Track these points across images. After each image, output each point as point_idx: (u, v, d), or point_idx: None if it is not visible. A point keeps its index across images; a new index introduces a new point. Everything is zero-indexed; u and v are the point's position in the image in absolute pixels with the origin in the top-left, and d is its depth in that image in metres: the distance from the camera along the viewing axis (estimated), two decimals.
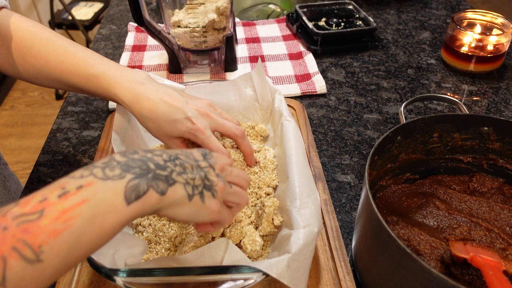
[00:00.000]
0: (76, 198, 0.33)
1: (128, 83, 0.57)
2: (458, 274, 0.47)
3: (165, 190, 0.38)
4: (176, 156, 0.41)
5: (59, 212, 0.32)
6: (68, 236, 0.32)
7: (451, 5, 1.20)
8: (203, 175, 0.42)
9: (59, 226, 0.31)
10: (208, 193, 0.41)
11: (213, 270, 0.43)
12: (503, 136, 0.56)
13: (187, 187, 0.40)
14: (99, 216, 0.33)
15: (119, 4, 1.23)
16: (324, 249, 0.55)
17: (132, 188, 0.35)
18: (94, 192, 0.34)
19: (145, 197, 0.36)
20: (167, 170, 0.39)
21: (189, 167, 0.41)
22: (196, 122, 0.56)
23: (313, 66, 0.92)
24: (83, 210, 0.33)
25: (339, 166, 0.71)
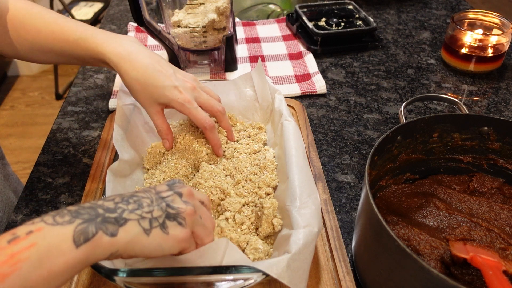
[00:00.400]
0: (25, 243, 0.33)
1: (116, 42, 0.57)
2: (458, 274, 0.47)
3: (115, 231, 0.37)
4: (132, 195, 0.41)
5: (7, 256, 0.32)
6: (15, 279, 0.32)
7: (451, 5, 1.20)
8: (165, 205, 0.41)
9: (6, 270, 0.32)
10: (172, 223, 0.40)
11: (213, 270, 0.43)
12: (503, 136, 0.56)
13: (142, 222, 0.39)
14: (47, 260, 0.34)
15: (119, 4, 1.23)
16: (324, 249, 0.55)
17: (80, 231, 0.35)
18: (43, 237, 0.34)
19: (95, 239, 0.36)
20: (117, 211, 0.38)
21: (146, 201, 0.40)
22: (183, 92, 0.56)
23: (313, 66, 0.92)
24: (31, 253, 0.33)
25: (339, 166, 0.71)
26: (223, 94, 0.72)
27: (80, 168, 0.71)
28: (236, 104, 0.72)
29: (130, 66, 0.56)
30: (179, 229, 0.41)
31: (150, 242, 0.39)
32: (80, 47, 0.58)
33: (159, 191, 0.42)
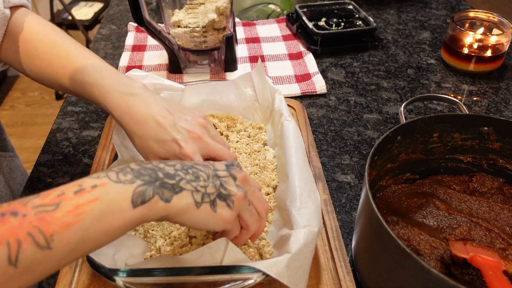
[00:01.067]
0: (89, 196, 0.36)
1: (119, 95, 0.55)
2: (458, 274, 0.47)
3: (169, 198, 0.39)
4: (192, 166, 0.43)
5: (73, 206, 0.35)
6: (77, 229, 0.34)
7: (451, 5, 1.20)
8: (219, 184, 0.43)
9: (71, 219, 0.34)
10: (222, 203, 0.42)
11: (213, 270, 0.43)
12: (503, 136, 0.56)
13: (195, 195, 0.41)
14: (107, 215, 0.36)
15: (119, 4, 1.23)
16: (324, 249, 0.55)
17: (139, 193, 0.38)
18: (106, 192, 0.37)
19: (150, 202, 0.38)
20: (175, 179, 0.40)
21: (203, 175, 0.42)
22: (183, 146, 0.53)
23: (313, 66, 0.92)
24: (94, 207, 0.35)
25: (339, 166, 0.71)
26: (223, 94, 0.72)
27: (80, 168, 0.71)
28: (236, 104, 0.72)
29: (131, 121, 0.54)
30: (226, 210, 0.42)
31: (199, 215, 0.41)
32: (85, 91, 0.57)
33: (217, 169, 0.44)
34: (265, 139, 0.68)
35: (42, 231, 0.33)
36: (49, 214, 0.34)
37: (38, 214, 0.34)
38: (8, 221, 0.33)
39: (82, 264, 0.54)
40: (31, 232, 0.33)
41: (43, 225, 0.33)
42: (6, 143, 0.83)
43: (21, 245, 0.32)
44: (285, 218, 0.52)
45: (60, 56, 0.58)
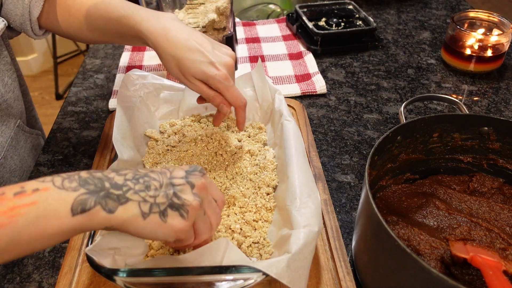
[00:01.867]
0: (28, 199, 0.36)
1: (155, 19, 0.58)
2: (458, 274, 0.47)
3: (113, 208, 0.38)
4: (145, 175, 0.42)
5: (8, 207, 0.35)
6: (9, 231, 0.35)
7: (451, 5, 1.20)
8: (171, 193, 0.41)
9: (4, 220, 0.35)
10: (174, 213, 0.41)
11: (213, 270, 0.43)
12: (503, 136, 0.56)
13: (143, 205, 0.39)
14: (42, 220, 0.36)
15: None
16: (324, 249, 0.55)
17: (79, 202, 0.37)
18: (46, 198, 0.36)
19: (91, 212, 0.37)
20: (122, 189, 0.39)
21: (155, 185, 0.41)
22: (221, 69, 0.56)
23: (313, 66, 0.92)
24: (30, 210, 0.35)
25: (339, 166, 0.71)
26: None
27: (80, 168, 0.71)
28: None
29: (167, 43, 0.56)
30: (179, 220, 0.41)
31: (146, 226, 0.40)
32: (121, 25, 0.60)
33: (173, 177, 0.42)
34: (265, 139, 0.68)
35: None
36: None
37: None
38: None
39: (82, 264, 0.54)
40: None
41: None
42: (36, 120, 0.84)
43: None
44: (285, 218, 0.52)
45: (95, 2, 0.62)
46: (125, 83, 0.66)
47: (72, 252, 0.55)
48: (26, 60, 2.60)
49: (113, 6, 0.61)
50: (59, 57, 2.48)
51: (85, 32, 0.65)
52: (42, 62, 2.68)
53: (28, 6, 0.63)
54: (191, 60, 0.55)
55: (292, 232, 0.47)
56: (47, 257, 0.57)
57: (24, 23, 0.64)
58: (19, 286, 0.54)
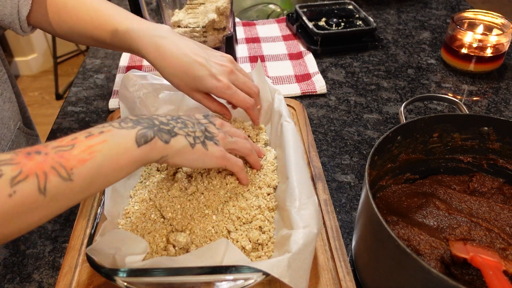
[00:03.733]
0: (98, 139, 0.42)
1: (150, 39, 0.59)
2: (458, 274, 0.47)
3: (168, 139, 0.46)
4: (179, 116, 0.50)
5: (86, 146, 0.40)
6: (92, 164, 0.40)
7: (451, 5, 1.20)
8: (204, 128, 0.51)
9: (86, 156, 0.40)
10: (210, 142, 0.50)
11: (213, 270, 0.43)
12: (503, 136, 0.56)
13: (188, 138, 0.48)
14: (115, 154, 0.42)
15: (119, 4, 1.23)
16: (324, 249, 0.55)
17: (141, 135, 0.44)
18: (112, 136, 0.42)
19: (152, 142, 0.44)
20: (169, 125, 0.47)
21: (190, 124, 0.50)
22: (222, 79, 0.59)
23: (313, 66, 0.92)
24: (103, 147, 0.41)
25: (339, 166, 0.71)
26: None
27: None
28: None
29: (165, 62, 0.59)
30: (216, 147, 0.50)
31: (194, 154, 0.48)
32: (117, 39, 0.62)
33: (198, 118, 0.52)
34: (266, 139, 0.68)
35: (63, 166, 0.38)
36: (67, 152, 0.39)
37: (58, 152, 0.39)
38: (34, 158, 0.38)
39: (83, 264, 0.54)
40: (55, 166, 0.38)
41: (64, 161, 0.39)
42: (31, 122, 0.84)
43: (47, 176, 0.37)
44: (284, 219, 0.52)
45: (88, 9, 0.63)
46: (125, 84, 0.66)
47: (72, 252, 0.55)
48: (26, 60, 2.60)
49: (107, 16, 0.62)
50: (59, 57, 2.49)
51: (76, 37, 0.66)
52: (42, 62, 2.68)
53: (17, 6, 0.63)
54: (192, 77, 0.58)
55: (292, 232, 0.47)
56: (47, 257, 0.57)
57: (13, 21, 0.64)
58: (19, 286, 0.54)
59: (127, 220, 0.54)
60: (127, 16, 0.62)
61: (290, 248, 0.44)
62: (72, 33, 0.65)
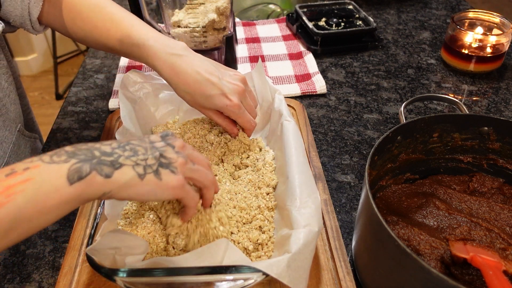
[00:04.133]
0: (21, 177, 0.36)
1: (166, 56, 0.60)
2: (458, 274, 0.47)
3: (110, 173, 0.39)
4: (128, 143, 0.43)
5: (3, 187, 0.35)
6: (10, 209, 0.35)
7: (451, 5, 1.20)
8: (158, 154, 0.43)
9: (2, 200, 0.35)
10: (165, 170, 0.42)
11: (213, 270, 0.43)
12: (503, 136, 0.56)
13: (137, 168, 0.41)
14: (42, 194, 0.36)
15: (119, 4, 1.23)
16: (324, 249, 0.55)
17: (74, 170, 0.38)
18: (39, 173, 0.37)
19: (88, 178, 0.38)
20: (113, 156, 0.41)
21: (141, 150, 0.43)
22: (232, 99, 0.60)
23: (313, 66, 0.92)
24: (26, 187, 0.36)
25: (339, 166, 0.71)
26: None
27: None
28: None
29: (179, 81, 0.60)
30: (172, 176, 0.42)
31: (144, 186, 0.41)
32: (133, 52, 0.62)
33: (153, 141, 0.45)
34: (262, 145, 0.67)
35: None
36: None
37: None
38: None
39: (83, 264, 0.54)
40: None
41: None
42: (33, 123, 0.84)
43: None
44: (285, 218, 0.52)
45: (104, 19, 0.63)
46: (125, 84, 0.66)
47: (72, 252, 0.55)
48: (26, 60, 2.60)
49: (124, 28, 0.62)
50: (59, 57, 2.49)
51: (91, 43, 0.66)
52: (42, 62, 2.68)
53: (27, 7, 0.63)
54: (205, 96, 0.59)
55: (292, 232, 0.47)
56: (47, 257, 0.57)
57: (24, 22, 0.64)
58: (19, 286, 0.54)
59: (126, 220, 0.54)
60: (143, 29, 0.62)
61: (290, 248, 0.44)
62: (86, 39, 0.65)
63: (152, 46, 0.60)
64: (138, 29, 0.62)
